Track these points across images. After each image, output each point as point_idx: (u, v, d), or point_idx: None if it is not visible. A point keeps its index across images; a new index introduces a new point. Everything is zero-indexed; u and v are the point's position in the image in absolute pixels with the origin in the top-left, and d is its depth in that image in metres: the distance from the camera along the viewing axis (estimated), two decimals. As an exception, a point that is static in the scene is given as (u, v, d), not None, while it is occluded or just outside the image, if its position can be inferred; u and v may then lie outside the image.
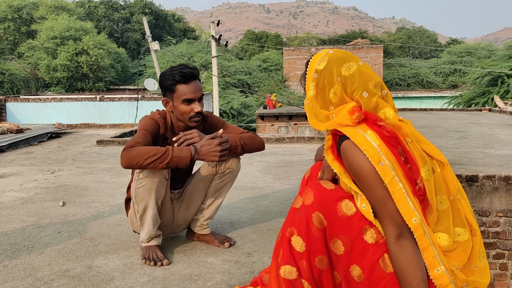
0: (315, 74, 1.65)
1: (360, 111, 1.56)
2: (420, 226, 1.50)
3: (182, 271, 2.31)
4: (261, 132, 23.65)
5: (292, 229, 1.58)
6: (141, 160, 2.15)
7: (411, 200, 1.49)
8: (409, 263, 1.49)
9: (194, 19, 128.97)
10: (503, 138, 6.73)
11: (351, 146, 1.53)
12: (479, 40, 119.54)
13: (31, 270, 2.34)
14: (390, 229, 1.52)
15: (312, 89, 1.66)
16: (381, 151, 1.48)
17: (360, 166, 1.51)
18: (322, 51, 1.70)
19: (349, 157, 1.54)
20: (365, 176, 1.50)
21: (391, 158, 1.49)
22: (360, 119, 1.55)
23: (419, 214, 1.50)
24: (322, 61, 1.65)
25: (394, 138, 1.54)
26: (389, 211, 1.51)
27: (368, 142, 1.50)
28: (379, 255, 1.55)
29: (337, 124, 1.58)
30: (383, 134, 1.53)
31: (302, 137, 7.15)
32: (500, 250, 4.29)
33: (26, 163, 5.67)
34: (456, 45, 48.10)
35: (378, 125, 1.55)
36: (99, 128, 9.85)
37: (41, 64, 31.33)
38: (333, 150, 1.64)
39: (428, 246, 1.51)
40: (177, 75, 2.35)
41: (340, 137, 1.59)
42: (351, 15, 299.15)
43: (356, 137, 1.52)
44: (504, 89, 19.56)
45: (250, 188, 4.14)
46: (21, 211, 3.44)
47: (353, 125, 1.55)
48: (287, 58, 37.24)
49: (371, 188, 1.52)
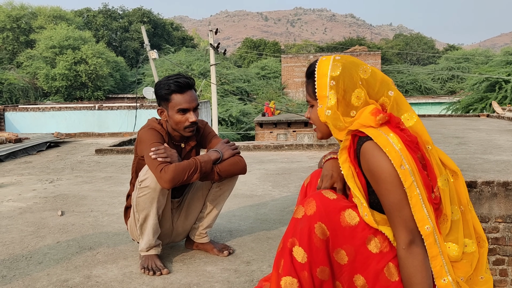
0: (332, 81, 1.60)
1: (385, 113, 1.55)
2: (432, 235, 1.48)
3: (181, 280, 2.30)
4: (259, 139, 23.66)
5: (293, 240, 1.56)
6: (182, 177, 2.23)
7: (426, 208, 1.48)
8: (418, 270, 1.48)
9: (192, 27, 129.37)
10: (501, 143, 6.74)
11: (373, 147, 1.50)
12: (476, 46, 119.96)
13: (30, 281, 2.33)
14: (402, 235, 1.50)
15: (333, 97, 1.60)
16: (402, 155, 1.47)
17: (380, 168, 1.49)
18: (324, 58, 1.66)
19: (369, 158, 1.51)
20: (385, 179, 1.48)
21: (411, 163, 1.47)
22: (384, 121, 1.54)
23: (432, 222, 1.48)
24: (335, 67, 1.60)
25: (415, 143, 1.53)
26: (403, 216, 1.49)
27: (391, 145, 1.48)
28: (384, 264, 1.54)
29: (360, 125, 1.55)
30: (404, 138, 1.51)
31: (301, 144, 7.16)
32: (500, 256, 4.28)
33: (24, 172, 5.66)
34: (453, 51, 48.32)
35: (401, 128, 1.54)
36: (98, 137, 9.85)
37: (40, 74, 31.39)
38: (349, 151, 1.60)
39: (437, 255, 1.50)
40: (172, 85, 2.35)
41: (360, 139, 1.56)
42: (349, 22, 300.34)
43: (379, 139, 1.50)
44: (502, 94, 19.63)
45: (249, 196, 4.13)
46: (19, 221, 3.43)
47: (376, 127, 1.53)
48: (285, 66, 37.35)
49: (388, 192, 1.49)
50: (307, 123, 23.51)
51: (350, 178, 1.59)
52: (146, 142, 2.34)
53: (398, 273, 1.54)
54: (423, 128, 1.59)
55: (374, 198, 1.60)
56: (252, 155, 6.59)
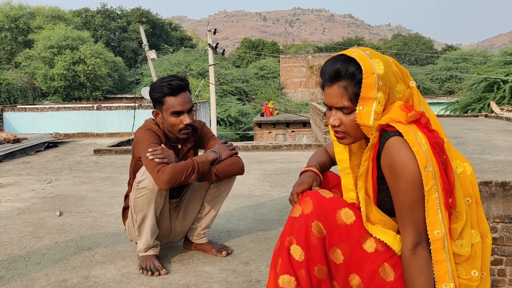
0: (380, 81, 1.46)
1: (417, 111, 1.49)
2: (441, 240, 1.45)
3: (180, 280, 2.30)
4: (258, 140, 23.67)
5: (291, 238, 1.55)
6: (179, 178, 2.22)
7: (441, 212, 1.44)
8: (422, 272, 1.47)
9: (191, 27, 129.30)
10: (499, 144, 6.75)
11: (401, 143, 1.44)
12: (474, 46, 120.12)
13: (28, 281, 2.32)
14: (410, 237, 1.48)
15: (382, 100, 1.48)
16: (428, 156, 1.42)
17: (405, 167, 1.42)
18: (355, 54, 1.49)
19: (394, 155, 1.44)
20: (406, 178, 1.42)
21: (435, 166, 1.43)
22: (415, 118, 1.48)
23: (445, 227, 1.45)
24: (377, 64, 1.47)
25: (441, 146, 1.49)
26: (415, 218, 1.46)
27: (419, 144, 1.42)
28: (379, 264, 1.53)
29: (390, 119, 1.47)
30: (432, 140, 1.46)
31: (300, 145, 7.16)
32: (498, 256, 4.29)
33: (23, 173, 5.66)
34: (452, 51, 48.36)
35: (429, 129, 1.49)
36: (96, 137, 9.84)
37: (38, 74, 31.37)
38: (375, 147, 1.52)
39: (443, 261, 1.47)
40: (165, 88, 2.35)
41: (384, 133, 1.50)
42: (347, 22, 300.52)
43: (409, 136, 1.43)
44: (500, 94, 19.66)
45: (248, 196, 4.13)
46: (18, 221, 3.43)
47: (405, 124, 1.46)
48: (284, 66, 37.36)
49: (406, 192, 1.44)
50: (305, 123, 23.52)
51: (363, 176, 1.55)
52: (143, 143, 2.34)
53: (394, 273, 1.53)
54: (438, 124, 1.54)
55: (384, 197, 1.57)
56: (251, 155, 6.59)
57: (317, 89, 36.39)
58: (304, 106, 31.90)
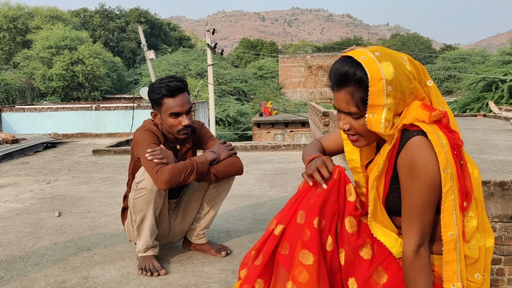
0: (389, 87, 1.40)
1: (440, 111, 1.46)
2: (453, 242, 1.44)
3: (179, 281, 2.30)
4: (257, 140, 23.67)
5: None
6: (178, 178, 2.22)
7: (456, 214, 1.42)
8: (424, 272, 1.46)
9: (189, 27, 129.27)
10: (498, 143, 6.76)
11: (424, 143, 1.40)
12: (473, 46, 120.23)
13: (27, 282, 2.32)
14: (415, 238, 1.46)
15: (392, 106, 1.42)
16: (448, 158, 1.39)
17: (425, 168, 1.39)
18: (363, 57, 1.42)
19: (415, 154, 1.40)
20: (425, 180, 1.39)
21: (453, 167, 1.40)
22: (439, 118, 1.44)
23: (458, 229, 1.44)
24: (387, 67, 1.40)
25: (460, 148, 1.46)
26: (424, 220, 1.45)
27: (440, 145, 1.39)
28: (374, 268, 1.54)
29: (414, 118, 1.43)
30: (452, 141, 1.43)
31: (298, 145, 7.16)
32: (497, 256, 4.29)
33: (21, 173, 5.65)
34: (450, 51, 48.45)
35: (450, 130, 1.46)
36: (95, 137, 9.84)
37: (37, 74, 31.35)
38: (394, 148, 1.48)
39: (453, 261, 1.46)
40: (163, 89, 2.35)
41: (406, 132, 1.45)
42: (346, 22, 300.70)
43: (432, 136, 1.39)
44: (498, 94, 19.70)
45: (247, 196, 4.14)
46: (16, 222, 3.43)
47: (428, 123, 1.42)
48: (283, 66, 37.37)
49: (421, 193, 1.41)
50: (304, 123, 23.53)
51: (374, 178, 1.52)
52: (142, 143, 2.34)
53: (386, 275, 1.54)
54: (455, 125, 1.51)
55: (394, 197, 1.54)
56: (250, 155, 6.60)
57: (315, 89, 36.41)
58: (302, 106, 31.92)
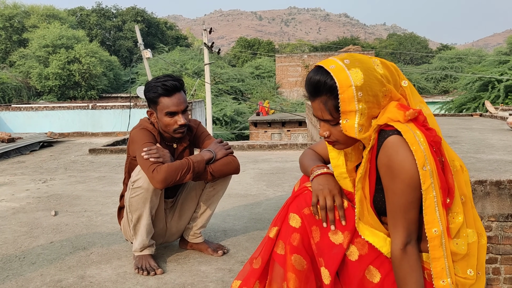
0: (360, 93, 1.43)
1: (414, 109, 1.47)
2: (438, 238, 1.45)
3: (175, 280, 2.30)
4: (254, 139, 23.67)
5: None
6: (174, 178, 2.22)
7: (439, 211, 1.43)
8: (413, 270, 1.47)
9: (186, 26, 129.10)
10: (494, 143, 6.78)
11: (400, 142, 1.42)
12: (469, 46, 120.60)
13: (23, 281, 2.32)
14: (402, 237, 1.47)
15: (364, 111, 1.45)
16: (426, 155, 1.40)
17: (402, 167, 1.41)
18: (332, 66, 1.46)
19: (392, 154, 1.42)
20: (404, 179, 1.42)
21: (432, 164, 1.41)
22: (413, 117, 1.46)
23: (442, 225, 1.45)
24: (355, 74, 1.43)
25: (439, 145, 1.47)
26: (408, 218, 1.46)
27: (417, 143, 1.40)
28: (365, 268, 1.54)
29: (388, 119, 1.45)
30: (430, 139, 1.44)
31: (295, 144, 7.17)
32: (493, 255, 4.31)
33: (17, 172, 5.63)
34: (446, 51, 48.54)
35: (427, 127, 1.47)
36: (92, 136, 9.81)
37: (33, 73, 31.24)
38: (373, 149, 1.50)
39: (440, 258, 1.47)
40: (159, 88, 2.35)
41: (382, 133, 1.48)
42: (343, 22, 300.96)
43: (408, 135, 1.41)
44: (494, 94, 19.76)
45: (243, 195, 4.13)
46: (12, 221, 3.42)
47: (403, 122, 1.45)
48: (280, 65, 37.37)
49: (402, 192, 1.43)
50: (301, 122, 23.55)
51: (361, 179, 1.54)
52: (138, 142, 2.33)
53: (379, 274, 1.54)
54: (434, 123, 1.53)
55: (381, 197, 1.56)
56: (247, 155, 6.59)
57: (312, 88, 36.33)
58: (299, 105, 31.94)
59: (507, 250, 4.30)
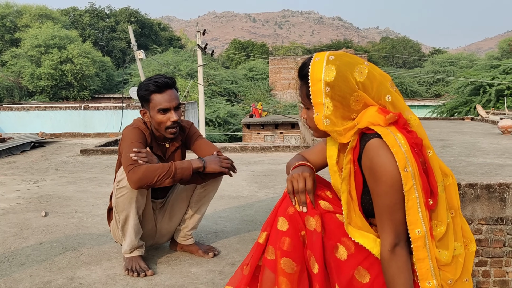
0: (327, 88, 1.50)
1: (394, 113, 1.51)
2: (422, 239, 1.47)
3: (166, 282, 2.29)
4: (247, 141, 23.65)
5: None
6: (150, 180, 2.19)
7: (422, 212, 1.45)
8: (401, 272, 1.48)
9: (180, 28, 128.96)
10: (485, 146, 6.83)
11: (380, 145, 1.45)
12: (461, 50, 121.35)
13: (12, 282, 2.30)
14: (389, 238, 1.49)
15: (330, 105, 1.52)
16: (407, 157, 1.43)
17: (384, 169, 1.44)
18: (317, 58, 1.54)
19: (374, 157, 1.46)
20: (386, 181, 1.44)
21: (414, 166, 1.44)
22: (394, 120, 1.49)
23: (425, 226, 1.46)
24: (329, 71, 1.50)
25: (420, 146, 1.49)
26: (394, 220, 1.47)
27: (398, 145, 1.43)
28: (354, 268, 1.55)
29: (369, 122, 1.49)
30: (411, 141, 1.47)
31: (288, 146, 7.17)
32: (483, 258, 4.34)
33: (8, 172, 5.59)
34: (439, 55, 48.90)
35: (408, 130, 1.50)
36: (83, 137, 9.76)
37: (25, 73, 31.04)
38: (355, 151, 1.54)
39: (424, 258, 1.49)
40: (151, 85, 2.35)
41: (364, 136, 1.52)
42: (336, 25, 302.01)
43: (388, 137, 1.45)
44: (486, 98, 19.92)
45: (235, 197, 4.13)
46: (2, 221, 3.39)
47: (384, 126, 1.48)
48: (273, 67, 37.43)
49: (386, 194, 1.46)
50: (294, 124, 23.59)
51: (346, 180, 1.56)
52: (126, 141, 2.33)
53: (369, 274, 1.55)
54: (423, 133, 1.55)
55: (368, 199, 1.57)
56: (239, 157, 6.59)
57: (305, 91, 36.41)
58: (292, 108, 31.98)
59: (497, 253, 4.33)
